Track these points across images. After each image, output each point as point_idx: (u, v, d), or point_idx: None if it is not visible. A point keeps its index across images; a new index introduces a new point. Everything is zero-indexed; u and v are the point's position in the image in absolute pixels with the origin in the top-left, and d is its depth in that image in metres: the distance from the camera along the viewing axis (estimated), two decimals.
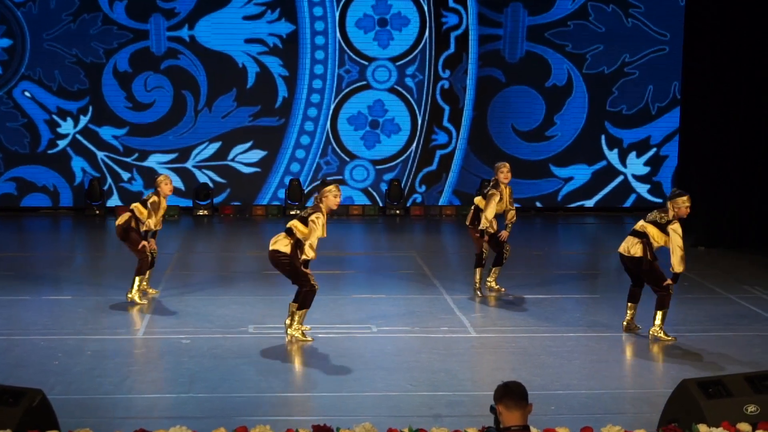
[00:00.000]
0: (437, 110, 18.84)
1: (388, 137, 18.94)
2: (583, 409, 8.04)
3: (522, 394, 5.03)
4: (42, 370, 8.98)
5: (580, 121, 18.91)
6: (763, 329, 10.67)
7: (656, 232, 10.05)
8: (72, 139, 18.50)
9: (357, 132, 18.88)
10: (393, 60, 18.71)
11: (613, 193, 19.13)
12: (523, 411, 5.00)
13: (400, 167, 18.94)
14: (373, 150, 18.93)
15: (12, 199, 18.51)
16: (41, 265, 14.28)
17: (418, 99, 18.80)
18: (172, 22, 18.33)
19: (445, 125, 18.87)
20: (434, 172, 18.98)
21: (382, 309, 11.43)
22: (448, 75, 18.74)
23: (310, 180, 18.80)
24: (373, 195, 18.98)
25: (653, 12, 18.67)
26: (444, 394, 8.50)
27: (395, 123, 18.88)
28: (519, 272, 13.10)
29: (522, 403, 5.01)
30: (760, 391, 6.78)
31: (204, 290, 12.33)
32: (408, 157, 18.94)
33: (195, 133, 18.61)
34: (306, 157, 18.83)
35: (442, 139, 18.91)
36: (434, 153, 18.95)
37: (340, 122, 18.81)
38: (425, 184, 19.00)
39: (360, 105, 18.80)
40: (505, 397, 5.01)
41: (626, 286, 10.49)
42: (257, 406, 8.19)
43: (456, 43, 18.66)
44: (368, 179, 18.98)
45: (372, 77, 18.75)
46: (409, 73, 18.75)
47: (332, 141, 18.82)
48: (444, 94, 18.80)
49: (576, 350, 9.83)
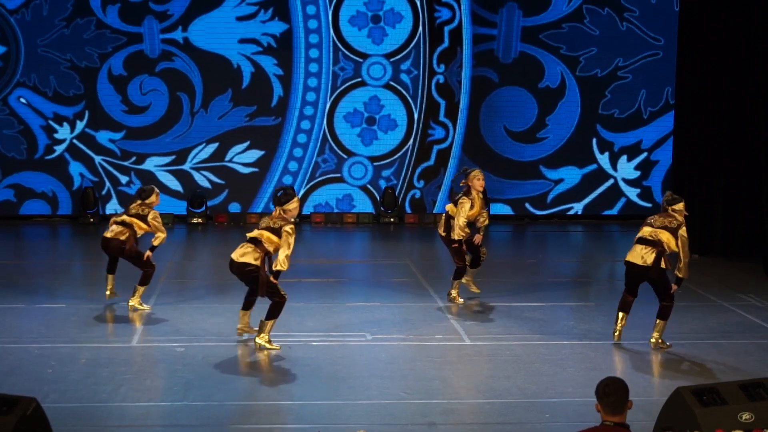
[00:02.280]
0: (433, 105, 18.86)
1: (384, 133, 18.95)
2: (578, 417, 8.04)
3: (616, 404, 5.20)
4: (36, 378, 8.96)
5: (572, 123, 18.93)
6: (757, 337, 10.68)
7: (670, 238, 9.88)
8: (69, 145, 18.48)
9: (354, 129, 18.89)
10: (387, 56, 18.74)
11: (602, 196, 19.13)
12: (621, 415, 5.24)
13: (398, 163, 18.95)
14: (370, 147, 18.95)
15: (11, 205, 18.50)
16: (36, 273, 14.27)
17: (413, 94, 18.83)
18: (165, 24, 18.33)
19: (441, 120, 18.90)
20: (432, 167, 18.99)
21: (377, 317, 11.42)
22: (442, 70, 18.77)
23: (308, 179, 18.81)
24: (371, 192, 18.97)
25: (648, 16, 18.70)
26: (438, 401, 8.50)
27: (391, 119, 18.90)
28: (512, 280, 13.11)
29: (617, 410, 5.22)
30: (754, 399, 6.78)
31: (198, 298, 12.32)
32: (405, 153, 18.96)
33: (191, 134, 18.63)
34: (303, 156, 18.83)
35: (439, 134, 18.94)
36: (431, 148, 18.98)
37: (337, 120, 18.83)
38: (423, 180, 19.02)
39: (356, 102, 18.82)
40: (601, 401, 5.25)
41: (620, 294, 10.45)
42: (252, 414, 8.18)
43: (450, 38, 18.70)
44: (366, 176, 18.99)
45: (367, 74, 18.78)
46: (404, 68, 18.78)
47: (329, 139, 18.83)
48: (439, 88, 18.83)
49: (570, 358, 9.83)
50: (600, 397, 5.24)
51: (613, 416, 5.19)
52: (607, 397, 5.21)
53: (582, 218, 19.17)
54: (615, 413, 5.19)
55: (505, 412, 8.30)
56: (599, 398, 5.24)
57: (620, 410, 5.19)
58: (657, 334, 10.11)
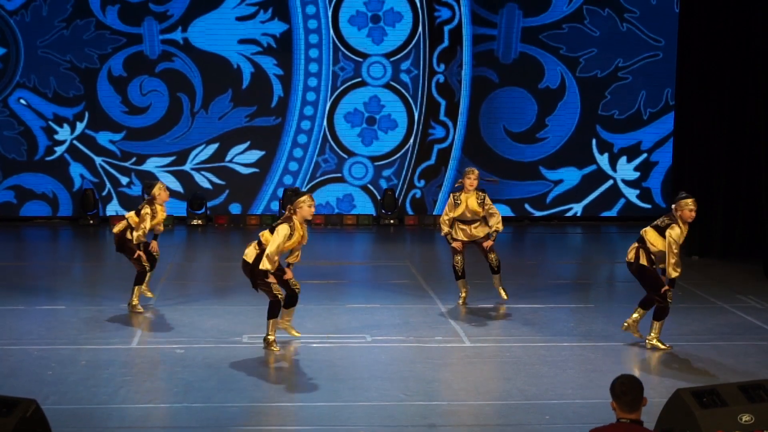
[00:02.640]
0: (433, 105, 18.87)
1: (385, 133, 18.97)
2: (578, 419, 8.04)
3: (633, 402, 5.22)
4: (36, 379, 8.96)
5: (571, 124, 18.94)
6: (757, 338, 10.68)
7: (654, 236, 9.90)
8: (69, 146, 18.50)
9: (354, 129, 18.91)
10: (387, 56, 18.76)
11: (602, 197, 19.15)
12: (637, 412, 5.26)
13: (398, 163, 18.96)
14: (370, 147, 18.95)
15: (11, 207, 18.50)
16: (36, 274, 14.26)
17: (413, 94, 18.84)
18: (164, 25, 18.35)
19: (441, 119, 18.90)
20: (433, 166, 19.00)
21: (377, 318, 11.42)
22: (442, 69, 18.78)
23: (309, 179, 18.82)
24: (372, 191, 18.98)
25: (648, 17, 18.72)
26: (438, 403, 8.50)
27: (392, 119, 18.92)
28: (512, 282, 13.09)
29: (634, 408, 5.22)
30: (754, 401, 6.77)
31: (198, 300, 12.32)
32: (406, 152, 18.97)
33: (192, 135, 18.63)
34: (304, 156, 18.85)
35: (440, 133, 18.94)
36: (432, 147, 18.98)
37: (337, 120, 18.84)
38: (424, 179, 19.02)
39: (356, 102, 18.83)
40: (618, 400, 5.26)
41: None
42: (251, 415, 8.18)
43: (450, 37, 18.70)
44: (367, 176, 19.00)
45: (367, 74, 18.79)
46: (404, 68, 18.79)
47: (329, 139, 18.84)
48: (439, 88, 18.84)
49: (570, 360, 9.83)
50: (616, 396, 5.25)
51: (630, 413, 5.22)
52: (624, 395, 5.23)
53: (581, 220, 19.17)
54: (632, 411, 5.22)
55: (505, 413, 8.30)
56: (615, 397, 5.25)
57: (636, 407, 5.22)
58: (653, 334, 10.11)
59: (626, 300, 12.62)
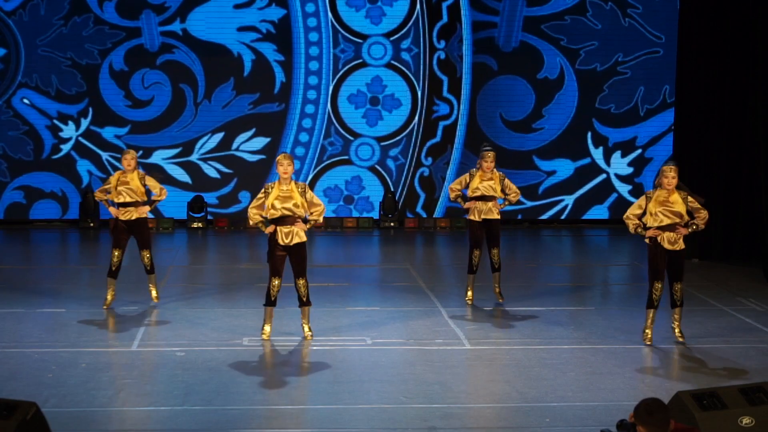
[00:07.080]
0: (436, 82, 18.87)
1: (389, 113, 18.97)
2: (578, 421, 8.05)
3: (663, 421, 5.04)
4: (36, 382, 8.96)
5: (568, 115, 18.95)
6: (757, 341, 10.68)
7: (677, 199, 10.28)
8: (75, 143, 18.53)
9: (358, 110, 18.92)
10: (387, 35, 18.77)
11: (594, 190, 19.15)
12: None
13: (405, 142, 18.95)
14: (375, 127, 18.96)
15: (21, 207, 18.53)
16: (36, 277, 14.26)
17: (415, 72, 18.84)
18: (163, 16, 18.38)
19: (445, 96, 18.90)
20: (439, 143, 18.99)
21: (377, 321, 11.42)
22: (443, 45, 18.78)
23: (316, 163, 18.85)
24: (380, 172, 18.96)
25: (650, 13, 18.75)
26: (439, 406, 8.49)
27: (395, 98, 18.93)
28: (511, 285, 13.10)
29: (665, 427, 5.05)
30: (754, 403, 6.78)
31: (198, 303, 12.32)
32: (411, 131, 18.97)
33: (196, 125, 18.64)
34: (309, 141, 18.86)
35: (444, 110, 18.94)
36: (437, 125, 18.98)
37: (341, 102, 18.85)
38: (431, 157, 19.01)
39: (358, 83, 18.85)
40: (647, 423, 5.04)
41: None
42: (252, 418, 8.18)
43: (448, 13, 18.69)
44: (374, 157, 19.00)
45: (368, 54, 18.79)
46: (405, 47, 18.80)
47: (334, 121, 18.86)
48: (441, 64, 18.84)
49: (570, 362, 9.83)
50: (644, 420, 5.03)
51: None
52: (651, 416, 5.02)
53: (581, 221, 19.17)
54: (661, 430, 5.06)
55: (505, 416, 8.30)
56: (643, 421, 5.03)
57: (666, 426, 5.05)
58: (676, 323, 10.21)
59: (625, 302, 12.64)
